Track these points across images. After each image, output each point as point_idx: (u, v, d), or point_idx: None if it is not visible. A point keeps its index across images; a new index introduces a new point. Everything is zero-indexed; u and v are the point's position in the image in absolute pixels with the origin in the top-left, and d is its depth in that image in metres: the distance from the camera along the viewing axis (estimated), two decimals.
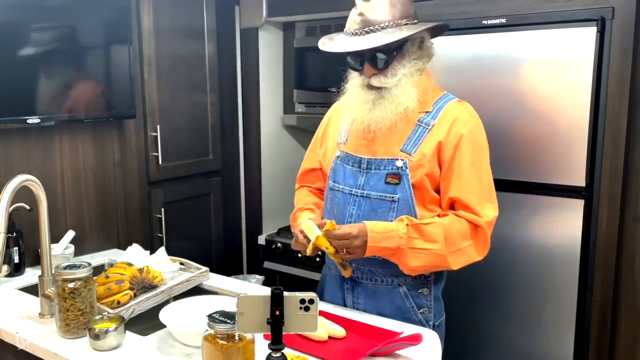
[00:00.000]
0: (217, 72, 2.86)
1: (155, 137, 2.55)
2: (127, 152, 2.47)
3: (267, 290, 1.18)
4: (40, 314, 1.65)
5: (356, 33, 1.57)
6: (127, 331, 1.49)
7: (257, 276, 3.02)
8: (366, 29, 1.56)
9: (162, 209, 2.63)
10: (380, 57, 1.57)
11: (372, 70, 1.60)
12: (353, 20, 1.59)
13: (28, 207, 1.80)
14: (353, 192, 1.67)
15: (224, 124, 2.99)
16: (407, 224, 1.55)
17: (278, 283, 2.96)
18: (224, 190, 3.01)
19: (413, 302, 1.68)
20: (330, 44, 1.64)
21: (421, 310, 1.68)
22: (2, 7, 1.93)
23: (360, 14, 1.57)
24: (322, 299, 1.78)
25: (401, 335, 1.47)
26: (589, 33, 1.90)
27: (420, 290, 1.68)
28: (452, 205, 1.63)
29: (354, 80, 1.67)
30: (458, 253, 1.57)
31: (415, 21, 1.61)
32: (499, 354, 2.21)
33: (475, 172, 1.60)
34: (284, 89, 3.18)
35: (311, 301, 1.14)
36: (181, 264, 2.05)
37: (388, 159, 1.62)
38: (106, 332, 1.43)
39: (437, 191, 1.64)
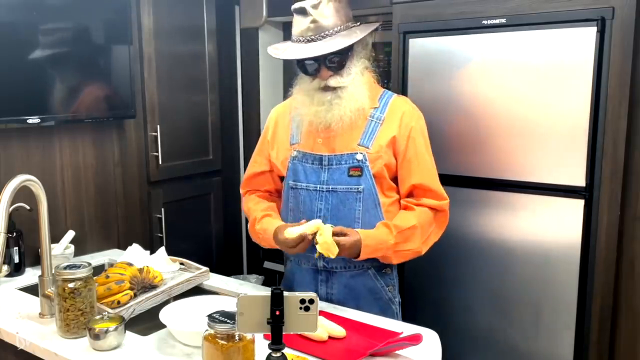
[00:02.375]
0: (217, 72, 2.86)
1: (155, 137, 2.55)
2: (127, 152, 2.47)
3: (267, 290, 1.18)
4: (40, 314, 1.65)
5: (313, 39, 1.68)
6: (127, 331, 1.49)
7: (257, 276, 3.02)
8: (322, 33, 1.68)
9: (162, 209, 2.63)
10: (336, 59, 1.69)
11: (329, 72, 1.70)
12: (306, 27, 1.69)
13: (28, 207, 1.80)
14: (318, 188, 1.76)
15: (224, 123, 2.99)
16: (394, 234, 1.68)
17: (278, 283, 2.96)
18: (224, 190, 3.01)
19: (382, 281, 1.80)
20: (290, 51, 1.73)
21: (388, 288, 1.81)
22: (2, 7, 1.93)
23: (314, 21, 1.68)
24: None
25: (401, 335, 1.47)
26: (589, 33, 1.90)
27: (384, 270, 1.80)
28: (412, 191, 1.77)
29: (305, 84, 1.76)
30: (427, 241, 1.75)
31: (358, 23, 1.75)
32: (498, 354, 2.21)
33: (429, 158, 1.78)
34: (284, 89, 3.18)
35: (311, 301, 1.14)
36: (181, 264, 2.05)
37: (348, 154, 1.73)
38: (106, 332, 1.43)
39: (393, 179, 1.77)
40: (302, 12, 1.69)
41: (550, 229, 2.05)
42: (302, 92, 1.77)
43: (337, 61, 1.68)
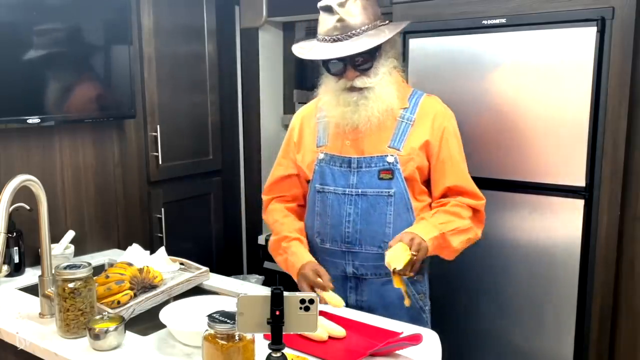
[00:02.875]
0: (217, 72, 2.86)
1: (155, 137, 2.55)
2: (127, 152, 2.47)
3: (267, 290, 1.18)
4: (40, 314, 1.65)
5: (339, 39, 1.62)
6: (127, 331, 1.49)
7: (257, 276, 3.02)
8: (349, 33, 1.62)
9: (162, 209, 2.63)
10: (363, 59, 1.63)
11: (355, 73, 1.65)
12: (333, 27, 1.63)
13: (28, 207, 1.80)
14: (347, 192, 1.70)
15: (224, 124, 2.99)
16: (438, 213, 1.66)
17: (278, 283, 2.96)
18: (224, 190, 3.01)
19: (413, 289, 1.74)
20: (315, 50, 1.67)
21: (419, 296, 1.76)
22: (2, 7, 1.93)
23: (341, 20, 1.61)
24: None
25: (401, 335, 1.47)
26: (589, 33, 1.90)
27: (416, 277, 1.74)
28: (446, 193, 1.72)
29: (331, 85, 1.71)
30: (478, 226, 1.72)
31: (387, 21, 1.69)
32: (499, 354, 2.21)
33: (462, 160, 1.74)
34: (284, 89, 3.18)
35: (311, 301, 1.14)
36: (181, 264, 2.05)
37: (378, 156, 1.68)
38: (106, 332, 1.43)
39: (424, 183, 1.73)
40: (329, 10, 1.63)
41: (550, 229, 2.05)
42: (328, 93, 1.71)
43: (364, 61, 1.63)
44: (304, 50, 1.70)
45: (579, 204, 1.98)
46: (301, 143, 1.82)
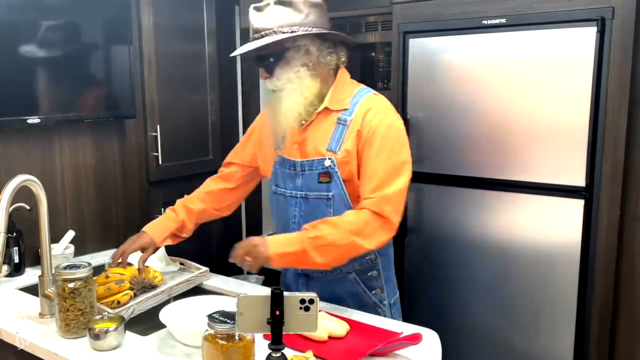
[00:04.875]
0: (217, 71, 2.86)
1: (155, 137, 2.55)
2: (127, 152, 2.47)
3: (267, 290, 1.18)
4: (40, 314, 1.65)
5: (250, 39, 1.69)
6: (127, 331, 1.49)
7: (257, 276, 3.02)
8: (255, 35, 1.67)
9: (162, 209, 2.62)
10: (265, 61, 1.68)
11: (265, 74, 1.71)
12: (251, 27, 1.70)
13: (28, 207, 1.80)
14: (293, 194, 1.74)
15: (224, 123, 2.99)
16: (307, 228, 1.60)
17: (278, 283, 2.95)
18: None
19: (364, 285, 1.76)
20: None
21: (373, 292, 1.77)
22: (2, 7, 1.93)
23: (251, 22, 1.68)
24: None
25: (401, 335, 1.47)
26: (589, 33, 1.90)
27: (369, 274, 1.76)
28: (364, 195, 1.68)
29: None
30: (364, 236, 1.60)
31: (308, 28, 1.65)
32: (498, 354, 2.21)
33: (385, 162, 1.63)
34: None
35: (311, 301, 1.14)
36: (181, 264, 2.05)
37: (317, 159, 1.69)
38: (106, 332, 1.43)
39: None
40: (251, 12, 1.70)
41: (550, 229, 2.05)
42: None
43: (267, 64, 1.67)
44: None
45: (579, 204, 1.98)
46: (262, 143, 1.87)
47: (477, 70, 2.12)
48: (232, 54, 1.78)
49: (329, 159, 1.67)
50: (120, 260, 1.78)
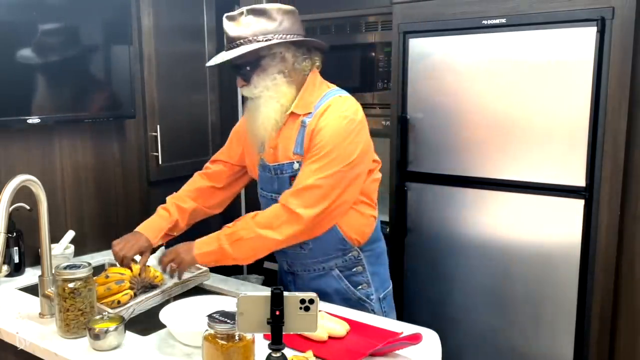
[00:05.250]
0: (217, 71, 2.86)
1: (155, 137, 2.55)
2: (127, 152, 2.47)
3: (267, 290, 1.18)
4: (40, 314, 1.65)
5: (229, 48, 1.70)
6: (127, 331, 1.49)
7: (257, 276, 3.02)
8: (230, 44, 1.69)
9: None
10: (241, 70, 1.70)
11: (241, 82, 1.73)
12: (225, 36, 1.71)
13: (28, 207, 1.80)
14: (273, 197, 1.78)
15: (224, 123, 2.99)
16: (228, 226, 1.69)
17: (278, 283, 2.95)
18: None
19: (348, 282, 1.80)
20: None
21: (359, 287, 1.80)
22: (2, 7, 1.93)
23: (229, 31, 1.69)
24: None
25: (401, 335, 1.47)
26: (589, 33, 1.90)
27: (354, 270, 1.80)
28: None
29: None
30: (271, 229, 1.66)
31: (283, 36, 1.67)
32: (498, 354, 2.21)
33: (320, 160, 1.64)
34: None
35: (311, 301, 1.14)
36: None
37: (286, 163, 1.74)
38: (106, 332, 1.43)
39: None
40: (225, 21, 1.71)
41: (550, 229, 2.05)
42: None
43: (243, 73, 1.70)
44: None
45: (579, 204, 1.98)
46: (247, 143, 1.89)
47: (477, 70, 2.13)
48: (208, 64, 1.77)
49: (297, 162, 1.71)
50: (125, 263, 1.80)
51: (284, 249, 1.76)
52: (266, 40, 1.65)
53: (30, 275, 2.02)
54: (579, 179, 1.98)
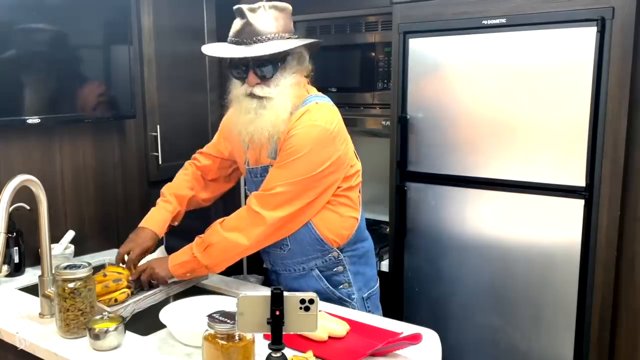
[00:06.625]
0: (217, 72, 2.86)
1: (155, 137, 2.55)
2: (127, 152, 2.47)
3: (267, 290, 1.18)
4: (40, 314, 1.65)
5: (245, 42, 1.64)
6: (127, 331, 1.49)
7: (257, 276, 3.02)
8: (254, 38, 1.63)
9: None
10: (266, 66, 1.64)
11: (256, 80, 1.67)
12: (240, 29, 1.65)
13: (28, 207, 1.80)
14: None
15: None
16: (200, 236, 1.73)
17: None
18: None
19: (327, 282, 1.80)
20: (218, 49, 1.70)
21: (340, 287, 1.81)
22: (2, 7, 1.93)
23: (248, 24, 1.63)
24: None
25: (401, 335, 1.47)
26: (589, 33, 1.90)
27: (334, 270, 1.80)
28: None
29: (236, 90, 1.74)
30: (238, 231, 1.68)
31: (296, 36, 1.71)
32: (498, 354, 2.21)
33: (287, 166, 1.65)
34: None
35: (311, 301, 1.14)
36: None
37: (262, 167, 1.75)
38: (106, 332, 1.43)
39: None
40: (240, 13, 1.66)
41: (550, 229, 2.05)
42: (233, 100, 1.76)
43: (268, 70, 1.64)
44: (211, 49, 1.74)
45: (579, 204, 1.98)
46: (232, 141, 1.89)
47: (477, 70, 2.13)
48: (222, 55, 1.67)
49: (272, 165, 1.71)
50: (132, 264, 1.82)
51: (265, 249, 1.78)
52: (296, 38, 1.64)
53: (30, 275, 2.02)
54: (579, 179, 1.98)
